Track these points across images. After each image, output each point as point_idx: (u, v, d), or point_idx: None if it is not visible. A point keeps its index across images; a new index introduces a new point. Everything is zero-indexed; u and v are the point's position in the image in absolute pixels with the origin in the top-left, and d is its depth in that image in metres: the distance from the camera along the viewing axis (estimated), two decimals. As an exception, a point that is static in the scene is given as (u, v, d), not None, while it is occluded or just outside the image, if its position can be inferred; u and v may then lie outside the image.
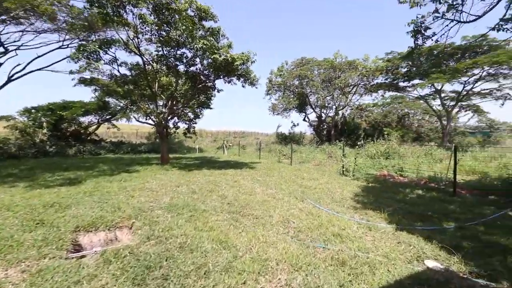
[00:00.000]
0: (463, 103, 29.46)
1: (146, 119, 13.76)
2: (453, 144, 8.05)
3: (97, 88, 18.46)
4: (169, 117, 12.99)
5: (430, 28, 5.69)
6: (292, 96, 27.22)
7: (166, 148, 13.29)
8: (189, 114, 16.90)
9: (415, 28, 5.80)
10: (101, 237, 4.60)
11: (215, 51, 9.52)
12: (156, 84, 12.34)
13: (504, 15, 6.24)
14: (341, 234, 4.24)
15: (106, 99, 23.76)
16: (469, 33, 21.13)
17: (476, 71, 22.62)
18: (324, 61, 25.84)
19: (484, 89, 25.20)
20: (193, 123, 16.95)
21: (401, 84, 28.93)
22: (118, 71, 11.81)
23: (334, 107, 27.93)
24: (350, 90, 26.69)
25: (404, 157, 16.13)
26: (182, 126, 18.72)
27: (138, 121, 14.82)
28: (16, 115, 23.13)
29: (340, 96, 25.60)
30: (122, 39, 11.18)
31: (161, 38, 10.33)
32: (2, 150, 19.14)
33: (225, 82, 12.66)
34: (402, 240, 4.05)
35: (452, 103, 27.33)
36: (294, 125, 30.03)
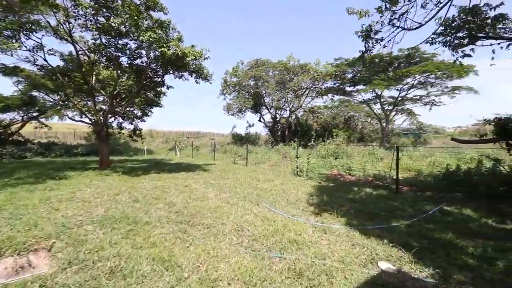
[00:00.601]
0: (399, 108, 33.02)
1: (82, 118, 12.04)
2: (395, 145, 8.59)
3: (20, 79, 15.55)
4: (109, 116, 11.54)
5: (380, 31, 5.96)
6: (248, 96, 27.12)
7: (107, 150, 11.79)
8: (136, 112, 15.38)
9: (366, 33, 6.02)
10: (7, 264, 3.62)
11: (163, 45, 8.65)
12: (94, 78, 10.83)
13: (436, 30, 6.90)
14: (297, 240, 4.02)
15: (33, 93, 20.33)
16: (405, 46, 23.77)
17: (409, 79, 25.55)
18: (279, 63, 26.33)
19: (416, 96, 28.58)
20: (139, 122, 15.48)
21: (348, 88, 31.25)
22: (45, 60, 10.01)
23: (288, 108, 28.66)
24: (302, 92, 27.68)
25: (351, 157, 17.20)
26: (129, 126, 17.10)
27: (72, 119, 12.85)
28: None
29: (294, 98, 26.37)
30: (49, 23, 9.50)
31: (98, 25, 9.03)
32: None
33: (175, 78, 11.77)
34: (356, 242, 4.01)
35: (390, 107, 30.41)
36: (250, 126, 30.02)
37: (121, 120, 16.66)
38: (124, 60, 10.58)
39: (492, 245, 3.89)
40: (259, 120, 30.92)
